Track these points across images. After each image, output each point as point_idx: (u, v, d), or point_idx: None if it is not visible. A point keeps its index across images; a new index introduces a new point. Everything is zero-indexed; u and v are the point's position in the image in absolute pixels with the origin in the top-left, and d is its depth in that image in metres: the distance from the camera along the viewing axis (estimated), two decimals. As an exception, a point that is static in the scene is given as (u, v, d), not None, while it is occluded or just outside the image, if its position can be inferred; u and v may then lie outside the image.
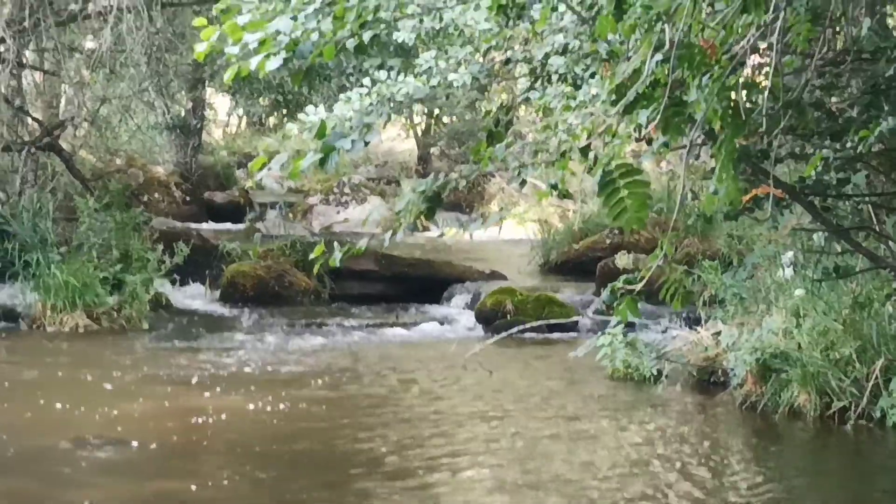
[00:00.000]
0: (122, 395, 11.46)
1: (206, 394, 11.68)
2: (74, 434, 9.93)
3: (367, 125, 6.92)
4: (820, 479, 9.83)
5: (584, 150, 6.24)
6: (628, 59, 5.87)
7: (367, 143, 6.75)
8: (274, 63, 6.11)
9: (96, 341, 14.33)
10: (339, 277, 17.10)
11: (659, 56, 5.60)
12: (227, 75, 6.19)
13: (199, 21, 6.17)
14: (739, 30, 6.08)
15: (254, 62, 6.02)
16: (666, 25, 5.54)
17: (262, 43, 6.08)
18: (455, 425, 10.94)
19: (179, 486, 8.75)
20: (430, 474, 9.27)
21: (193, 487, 8.73)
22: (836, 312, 10.97)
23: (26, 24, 15.64)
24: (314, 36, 6.23)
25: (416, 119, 31.59)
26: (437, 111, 30.02)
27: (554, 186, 6.78)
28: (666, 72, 5.55)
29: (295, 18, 6.26)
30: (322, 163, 6.47)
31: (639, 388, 12.19)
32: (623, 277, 6.26)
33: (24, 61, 17.09)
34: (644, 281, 6.17)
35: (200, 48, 6.12)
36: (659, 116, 5.77)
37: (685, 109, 5.87)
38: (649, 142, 6.75)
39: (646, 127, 6.12)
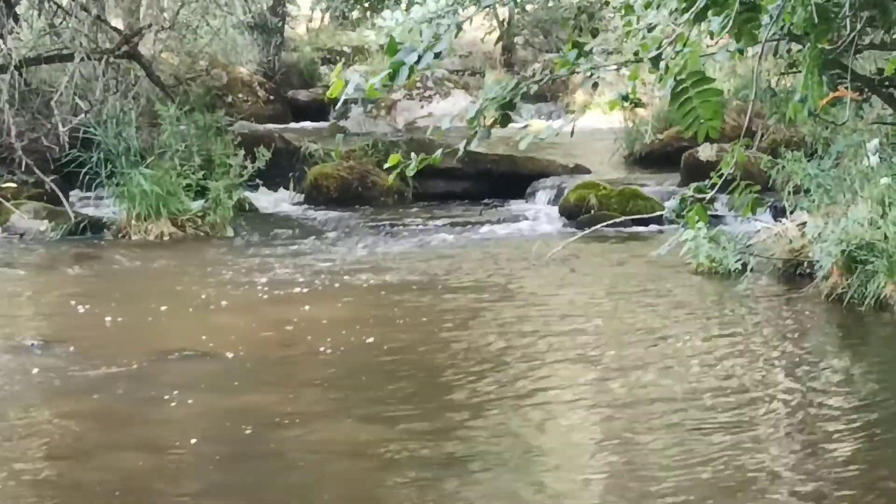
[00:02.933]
0: (206, 306, 11.57)
1: (292, 302, 11.75)
2: (160, 348, 10.05)
3: (436, 36, 6.86)
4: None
5: (655, 60, 6.13)
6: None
7: (437, 56, 6.70)
8: None
9: (181, 249, 14.46)
10: (422, 176, 16.82)
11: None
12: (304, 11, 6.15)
13: None
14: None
15: None
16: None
17: None
18: (541, 327, 10.93)
19: (267, 400, 8.82)
20: (516, 382, 9.28)
21: (281, 401, 8.81)
22: (922, 201, 10.83)
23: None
24: None
25: (499, 8, 31.27)
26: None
27: (625, 98, 6.69)
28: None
29: None
30: (392, 79, 6.45)
31: (724, 282, 12.13)
32: (693, 185, 6.20)
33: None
34: (717, 187, 6.11)
35: None
36: (731, 23, 5.68)
37: (758, 15, 5.77)
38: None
39: (719, 34, 6.01)
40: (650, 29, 8.30)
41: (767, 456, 7.64)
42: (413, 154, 6.61)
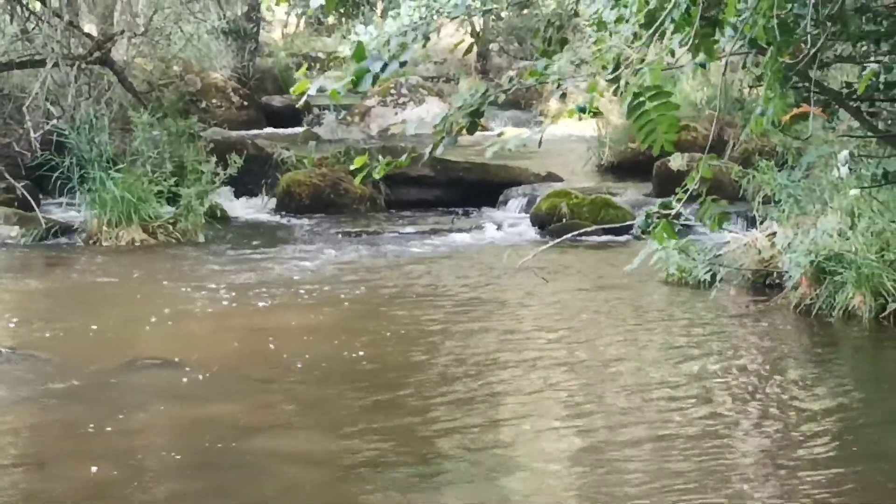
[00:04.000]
0: (175, 313, 11.54)
1: (261, 309, 11.75)
2: (128, 355, 10.02)
3: (402, 45, 6.88)
4: (875, 382, 9.82)
5: (614, 75, 6.13)
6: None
7: (402, 65, 6.72)
8: None
9: (152, 255, 14.43)
10: (395, 184, 17.11)
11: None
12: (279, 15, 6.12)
13: None
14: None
15: None
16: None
17: None
18: (511, 335, 10.98)
19: (234, 409, 8.81)
20: (484, 388, 9.32)
21: (247, 410, 8.82)
22: (891, 213, 10.87)
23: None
24: None
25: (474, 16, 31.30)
26: (494, 8, 29.73)
27: (582, 109, 6.69)
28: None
29: None
30: (355, 85, 6.44)
31: (693, 292, 12.17)
32: (659, 202, 6.20)
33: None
34: (680, 204, 6.10)
35: None
36: (691, 39, 5.68)
37: (716, 30, 5.78)
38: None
39: (678, 50, 6.01)
40: (601, 41, 8.30)
41: (736, 462, 7.67)
42: (379, 157, 6.61)
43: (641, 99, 5.73)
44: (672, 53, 6.01)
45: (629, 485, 7.37)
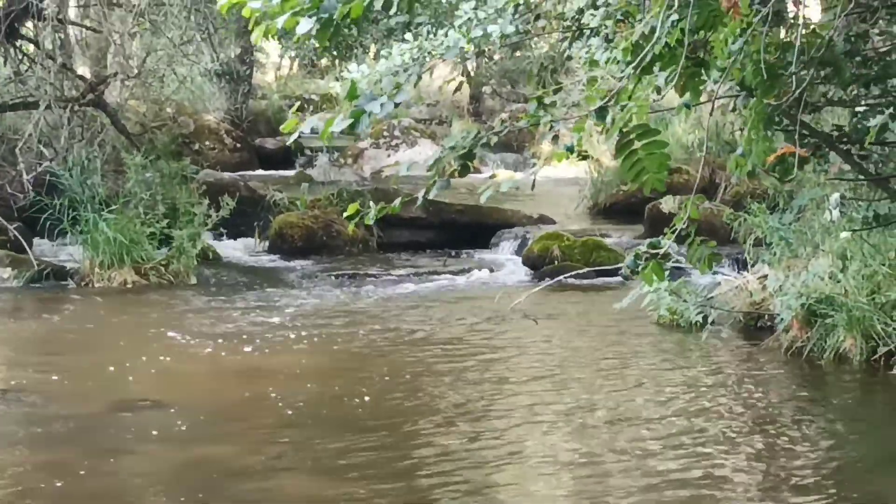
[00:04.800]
0: (167, 355, 11.53)
1: (253, 352, 11.73)
2: (119, 398, 10.01)
3: (397, 85, 6.91)
4: (866, 426, 9.80)
5: (601, 114, 6.13)
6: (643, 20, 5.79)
7: (397, 105, 6.73)
8: (304, 25, 5.99)
9: (144, 297, 14.42)
10: (388, 226, 17.13)
11: (675, 15, 5.51)
12: (255, 36, 6.11)
13: None
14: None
15: (280, 21, 5.83)
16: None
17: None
18: (501, 379, 10.96)
19: (224, 451, 8.80)
20: (475, 433, 9.31)
21: (238, 452, 8.79)
22: (882, 256, 10.89)
23: (66, -20, 15.69)
24: None
25: (467, 58, 31.39)
26: (486, 50, 29.83)
27: (570, 149, 6.69)
28: (682, 32, 5.47)
29: None
30: (352, 127, 6.46)
31: (685, 334, 12.19)
32: (648, 241, 6.21)
33: (66, 18, 17.12)
34: (668, 245, 6.11)
35: (222, 0, 5.89)
36: (676, 78, 5.70)
37: (702, 70, 5.81)
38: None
39: (665, 88, 6.03)
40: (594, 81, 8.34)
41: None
42: (371, 203, 6.61)
43: (630, 137, 5.74)
44: (658, 91, 6.02)
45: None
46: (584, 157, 6.74)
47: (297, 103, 8.91)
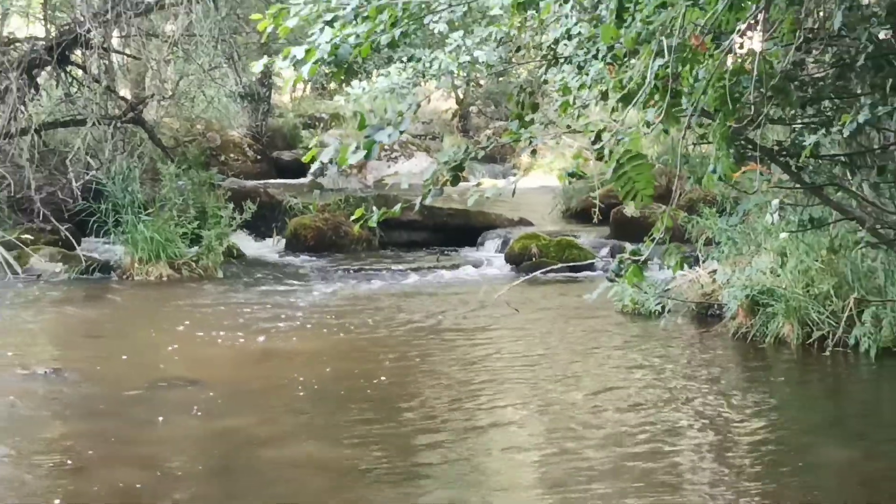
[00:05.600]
0: (197, 339, 11.50)
1: (271, 337, 11.69)
2: (155, 376, 9.97)
3: (400, 114, 6.98)
4: (801, 398, 9.78)
5: (598, 146, 6.17)
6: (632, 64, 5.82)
7: (402, 132, 6.79)
8: (324, 69, 6.28)
9: (177, 289, 14.38)
10: (388, 227, 17.08)
11: (660, 61, 5.54)
12: (286, 87, 6.32)
13: (256, 16, 6.37)
14: (728, 24, 5.98)
15: (305, 69, 6.20)
16: (663, 37, 5.48)
17: (308, 52, 6.20)
18: (486, 358, 10.94)
19: (246, 423, 8.76)
20: (462, 405, 9.28)
21: (258, 423, 8.77)
22: (815, 253, 10.88)
23: (109, 15, 15.64)
24: (351, 39, 6.34)
25: (456, 82, 31.36)
26: (473, 75, 29.79)
27: (571, 174, 6.74)
28: (665, 72, 5.50)
29: (332, 23, 6.35)
30: (367, 157, 6.57)
31: (645, 321, 12.17)
32: (630, 248, 6.21)
33: (110, 47, 17.08)
34: (647, 254, 6.12)
35: (256, 66, 6.57)
36: (662, 112, 5.72)
37: (681, 102, 5.83)
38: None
39: (653, 122, 6.05)
40: (584, 106, 8.35)
41: (681, 466, 7.64)
42: (374, 208, 6.66)
43: (622, 161, 5.77)
44: (648, 125, 6.05)
45: (582, 475, 7.34)
46: (581, 177, 6.77)
47: (315, 134, 8.93)
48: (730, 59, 7.24)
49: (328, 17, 6.45)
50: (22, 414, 8.96)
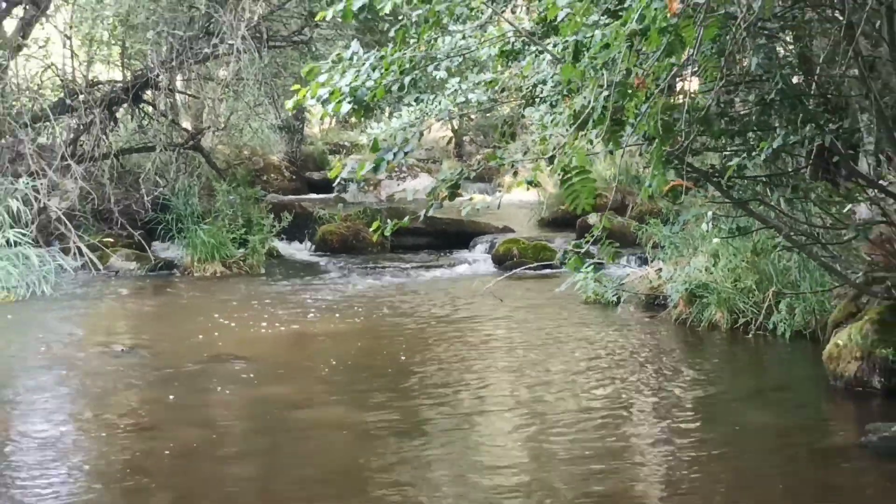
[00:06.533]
0: (245, 323, 11.49)
1: (306, 321, 11.69)
2: (209, 353, 9.97)
3: (405, 140, 7.09)
4: (730, 372, 9.75)
5: (551, 158, 6.20)
6: (582, 95, 5.82)
7: (406, 154, 6.86)
8: (345, 108, 6.41)
9: (228, 283, 14.36)
10: (398, 233, 16.70)
11: (605, 92, 5.55)
12: (317, 117, 6.40)
13: (296, 86, 6.61)
14: (666, 67, 5.98)
15: (330, 107, 6.44)
16: (605, 71, 5.50)
17: (332, 93, 6.32)
18: (475, 339, 10.93)
19: (284, 391, 8.78)
20: (457, 377, 9.29)
21: (294, 391, 8.77)
22: (741, 255, 10.88)
23: (174, 62, 15.64)
24: (369, 83, 6.44)
25: (453, 118, 31.30)
26: (467, 111, 29.72)
27: (530, 182, 6.76)
28: (609, 102, 5.52)
29: (357, 73, 6.50)
30: (375, 170, 6.69)
31: (604, 309, 12.14)
32: (573, 242, 6.29)
33: (175, 88, 17.07)
34: (587, 245, 6.25)
35: (289, 104, 6.71)
36: (604, 134, 5.73)
37: (622, 128, 5.83)
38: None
39: (595, 141, 6.08)
40: (544, 139, 8.31)
41: (628, 428, 7.63)
42: (388, 220, 6.80)
43: (569, 174, 5.79)
44: (591, 142, 6.06)
45: (549, 445, 7.34)
46: (536, 186, 6.79)
47: (340, 160, 8.97)
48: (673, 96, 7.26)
49: (351, 73, 6.58)
50: (101, 384, 8.96)
